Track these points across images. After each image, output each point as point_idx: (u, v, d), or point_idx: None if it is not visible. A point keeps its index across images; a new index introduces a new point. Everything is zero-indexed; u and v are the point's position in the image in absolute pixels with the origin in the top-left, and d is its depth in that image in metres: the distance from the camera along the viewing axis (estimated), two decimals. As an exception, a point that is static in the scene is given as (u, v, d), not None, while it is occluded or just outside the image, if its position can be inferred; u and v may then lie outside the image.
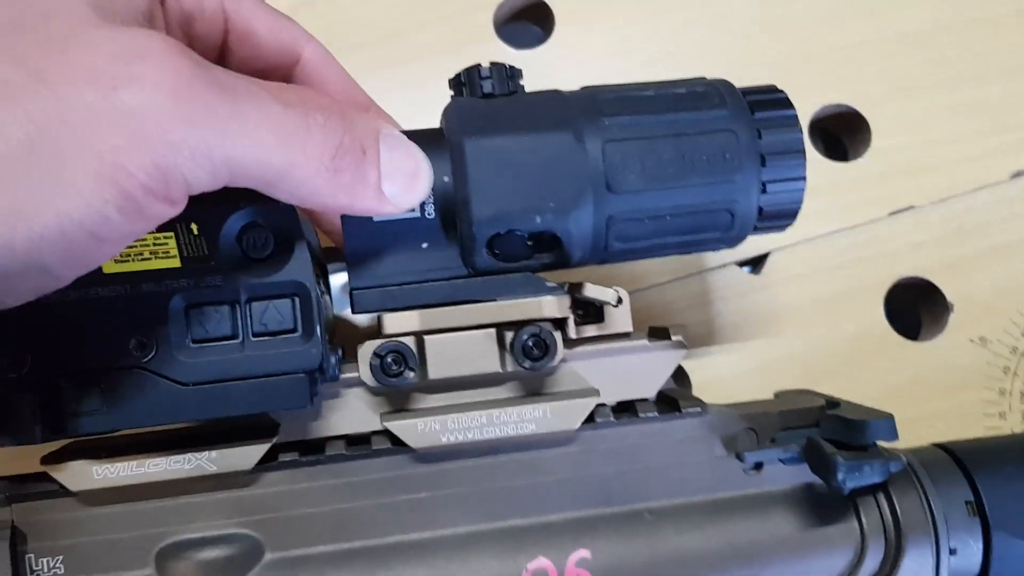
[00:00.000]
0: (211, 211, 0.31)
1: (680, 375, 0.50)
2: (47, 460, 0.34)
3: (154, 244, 0.31)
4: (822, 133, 0.55)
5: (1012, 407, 0.52)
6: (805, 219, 0.51)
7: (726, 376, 0.51)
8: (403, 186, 0.31)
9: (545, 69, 0.37)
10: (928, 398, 0.52)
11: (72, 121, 0.25)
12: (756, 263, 0.53)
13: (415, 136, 0.35)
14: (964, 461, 0.39)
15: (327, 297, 0.38)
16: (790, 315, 0.52)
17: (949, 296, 0.53)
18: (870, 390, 0.51)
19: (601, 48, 0.53)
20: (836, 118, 0.55)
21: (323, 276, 0.40)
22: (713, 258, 0.52)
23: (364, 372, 0.35)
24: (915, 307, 0.56)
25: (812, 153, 0.53)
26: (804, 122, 0.53)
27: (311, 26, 0.50)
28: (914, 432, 0.42)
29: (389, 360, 0.35)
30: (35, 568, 0.34)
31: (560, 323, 0.36)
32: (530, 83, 0.37)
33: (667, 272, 0.51)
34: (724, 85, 0.37)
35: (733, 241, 0.37)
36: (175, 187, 0.26)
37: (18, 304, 0.27)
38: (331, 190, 0.29)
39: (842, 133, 0.56)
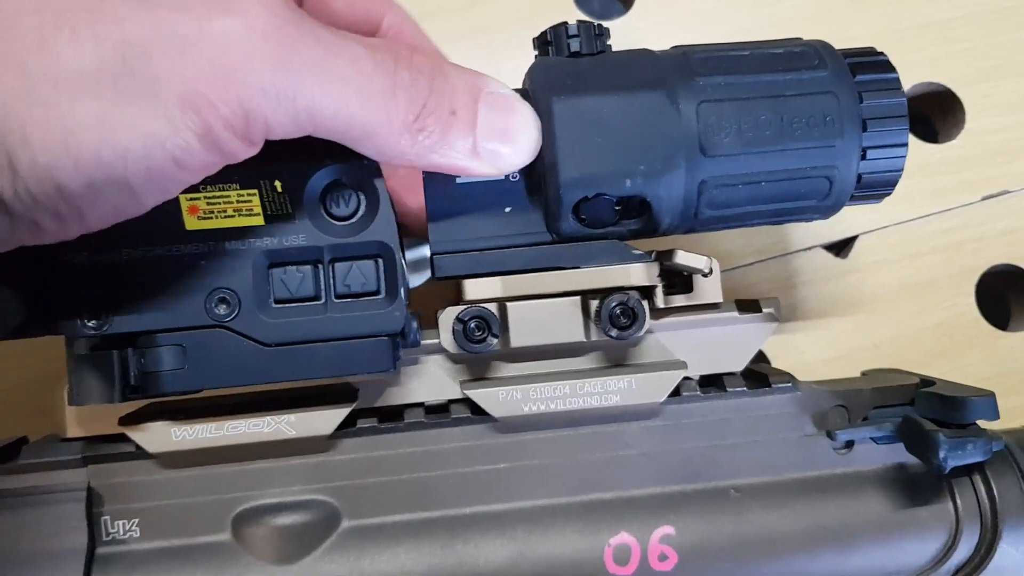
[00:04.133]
0: (295, 168, 0.31)
1: (760, 359, 0.49)
2: (125, 421, 0.34)
3: (238, 201, 0.31)
4: (912, 113, 0.53)
5: (1108, 401, 0.50)
6: (894, 203, 0.50)
7: (809, 363, 0.49)
8: (504, 147, 0.31)
9: (626, 42, 0.36)
10: (1019, 389, 0.50)
11: (164, 45, 0.25)
12: (843, 247, 0.51)
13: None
14: None
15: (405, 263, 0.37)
16: (877, 301, 0.50)
17: (1042, 286, 0.51)
18: (958, 379, 0.48)
19: (683, 20, 0.51)
20: (928, 98, 0.53)
21: (402, 246, 0.39)
22: (799, 240, 0.50)
23: (445, 338, 0.34)
24: (1006, 296, 0.53)
25: (903, 133, 0.51)
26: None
27: (387, -5, 0.50)
28: (1005, 424, 0.40)
29: (472, 326, 0.34)
30: (111, 530, 0.34)
31: (647, 292, 0.35)
32: (612, 55, 0.36)
33: (751, 253, 0.50)
34: (823, 46, 0.35)
35: (828, 211, 0.36)
36: (255, 127, 0.26)
37: (101, 226, 0.27)
38: (416, 150, 0.29)
39: (934, 114, 0.54)
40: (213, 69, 0.25)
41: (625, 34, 0.51)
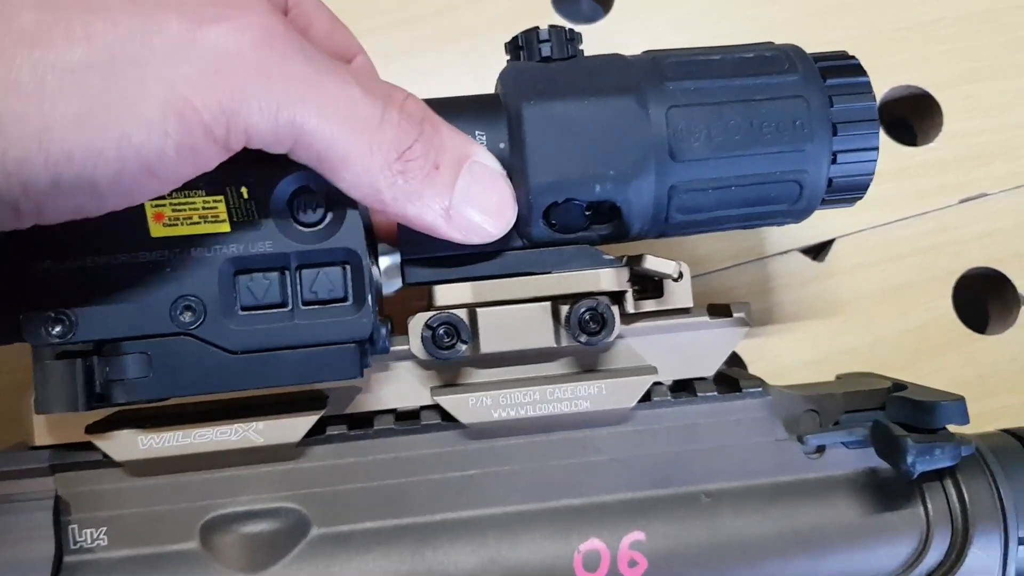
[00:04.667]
0: (262, 175, 0.31)
1: (736, 363, 0.49)
2: (92, 429, 0.33)
3: (203, 208, 0.31)
4: (890, 116, 0.53)
5: (1085, 403, 0.50)
6: (871, 206, 0.50)
7: (786, 366, 0.49)
8: (478, 217, 0.31)
9: (604, 45, 0.36)
10: (997, 393, 0.50)
11: (154, 46, 0.25)
12: (819, 250, 0.51)
13: (469, 101, 0.34)
14: None
15: (376, 269, 0.37)
16: (854, 305, 0.50)
17: (1020, 288, 0.51)
18: (936, 383, 0.48)
19: (663, 24, 0.51)
20: (906, 100, 0.53)
21: (373, 249, 0.39)
22: (775, 244, 0.50)
23: (415, 344, 0.34)
24: (983, 299, 0.53)
25: (880, 137, 0.51)
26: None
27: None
28: (982, 428, 0.40)
29: (441, 332, 0.33)
30: (78, 539, 0.33)
31: (618, 297, 0.35)
32: (589, 59, 0.36)
33: (727, 257, 0.50)
34: (794, 50, 0.35)
35: (800, 215, 0.36)
36: (235, 134, 0.26)
37: (56, 221, 0.26)
38: (392, 193, 0.29)
39: (912, 117, 0.54)
40: (200, 74, 0.25)
41: (604, 38, 0.51)
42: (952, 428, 0.34)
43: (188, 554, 0.33)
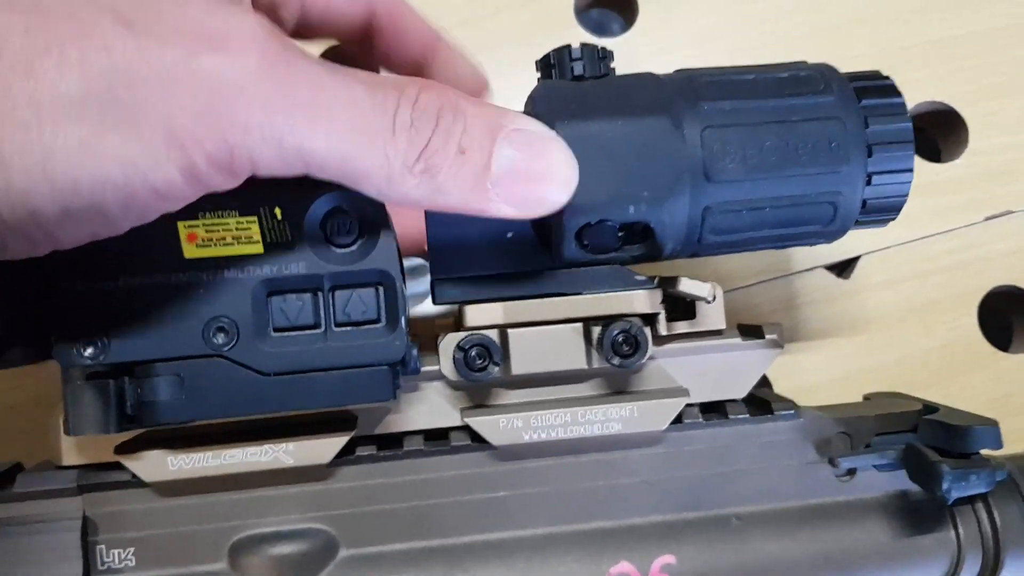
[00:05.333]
0: (296, 195, 0.30)
1: (762, 383, 0.48)
2: (121, 449, 0.33)
3: (236, 229, 0.30)
4: (915, 133, 0.53)
5: (1112, 423, 0.49)
6: (897, 223, 0.49)
7: (812, 384, 0.49)
8: (529, 188, 0.29)
9: (628, 59, 0.35)
10: (1022, 412, 0.50)
11: (152, 77, 0.24)
12: (845, 267, 0.50)
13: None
14: None
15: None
16: (880, 322, 0.50)
17: (1046, 307, 0.50)
18: (962, 402, 0.48)
19: (686, 37, 0.51)
20: (931, 116, 0.52)
21: (402, 271, 0.38)
22: (801, 261, 0.50)
23: (446, 366, 0.33)
24: (1008, 317, 0.53)
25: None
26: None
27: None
28: (1010, 447, 0.39)
29: (473, 354, 0.33)
30: (106, 560, 0.33)
31: (650, 319, 0.34)
32: (612, 73, 0.35)
33: (753, 274, 0.49)
34: (828, 70, 0.35)
35: (833, 236, 0.35)
36: (240, 164, 0.26)
37: (74, 246, 0.26)
38: (421, 191, 0.28)
39: (937, 133, 0.54)
40: (198, 106, 0.24)
41: (627, 51, 0.51)
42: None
43: (216, 575, 0.33)
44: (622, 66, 0.36)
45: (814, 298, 0.50)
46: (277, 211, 0.30)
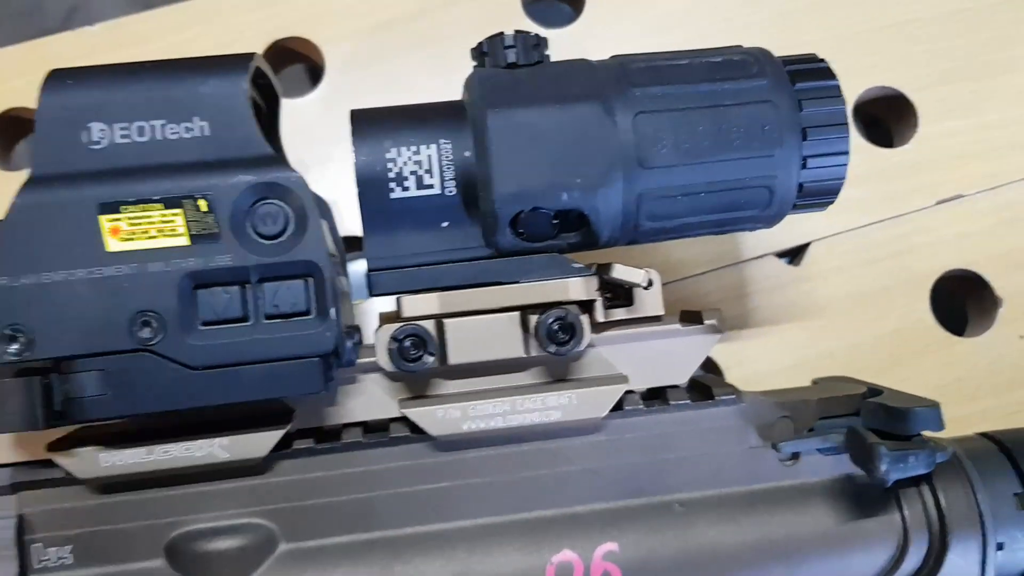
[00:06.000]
0: (221, 186, 0.30)
1: (712, 369, 0.48)
2: (53, 447, 0.33)
3: (161, 221, 0.30)
4: (866, 118, 0.53)
5: (1065, 405, 0.50)
6: (847, 209, 0.50)
7: (763, 372, 0.49)
8: None
9: (575, 50, 0.35)
10: (975, 396, 0.50)
11: None
12: (795, 254, 0.50)
13: (433, 109, 0.34)
14: (1012, 451, 0.37)
15: (344, 280, 0.37)
16: (831, 309, 0.50)
17: (997, 290, 0.51)
18: (914, 387, 0.48)
19: (634, 27, 0.51)
20: (881, 102, 0.53)
21: (341, 261, 0.38)
22: (751, 248, 0.50)
23: (381, 357, 0.33)
24: (962, 301, 0.53)
25: (855, 139, 0.51)
26: (849, 106, 0.51)
27: (337, 4, 0.49)
28: (962, 431, 0.40)
29: (407, 344, 0.33)
30: (43, 558, 0.33)
31: (587, 306, 0.34)
32: (559, 64, 0.35)
33: (703, 263, 0.49)
34: (762, 53, 0.35)
35: (771, 220, 0.35)
36: None
37: None
38: None
39: (887, 118, 0.54)
40: None
41: (576, 42, 0.51)
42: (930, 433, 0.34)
43: (154, 572, 0.33)
44: (569, 57, 0.36)
45: (765, 286, 0.49)
46: (202, 203, 0.30)
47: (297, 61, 0.53)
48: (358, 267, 0.44)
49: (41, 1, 0.76)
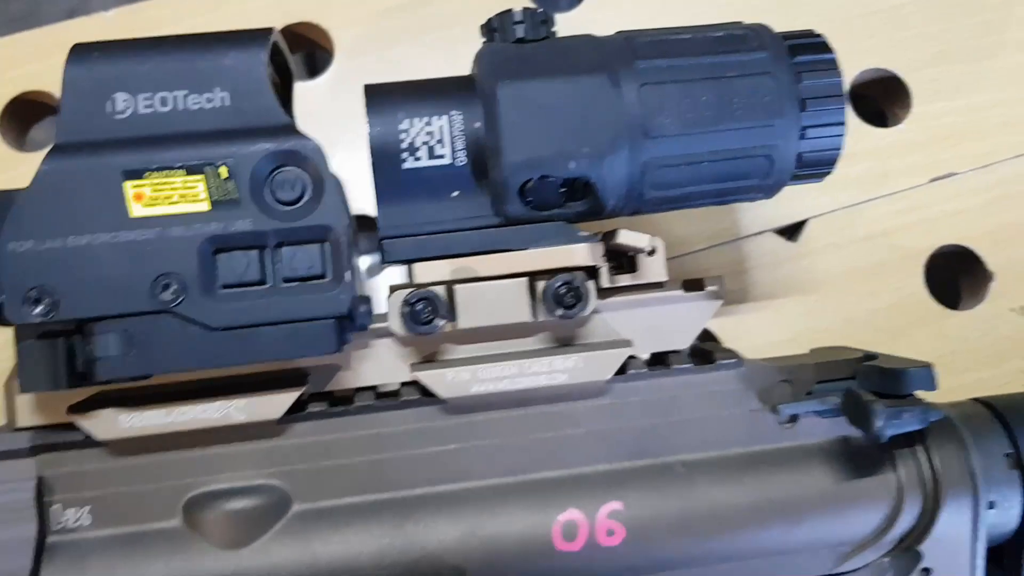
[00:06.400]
0: (241, 153, 0.31)
1: (711, 341, 0.49)
2: (74, 409, 0.34)
3: (183, 187, 0.31)
4: (862, 99, 0.54)
5: (1055, 377, 0.51)
6: (843, 187, 0.51)
7: (761, 346, 0.50)
8: None
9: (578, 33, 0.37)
10: (969, 368, 0.51)
11: None
12: (793, 231, 0.51)
13: (444, 83, 0.35)
14: (1004, 414, 0.38)
15: (355, 251, 0.38)
16: (827, 284, 0.51)
17: (990, 265, 0.52)
18: (909, 359, 0.50)
19: (636, 11, 0.52)
20: (876, 83, 0.54)
21: (354, 231, 0.39)
22: (750, 225, 0.51)
23: (394, 321, 0.34)
24: (955, 276, 0.54)
25: (851, 118, 0.52)
26: (845, 87, 0.52)
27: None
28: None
29: (419, 308, 0.34)
30: (61, 519, 0.34)
31: (593, 272, 0.35)
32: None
33: (703, 238, 0.50)
34: (763, 28, 0.36)
35: (770, 190, 0.36)
36: None
37: None
38: None
39: (882, 99, 0.55)
40: None
41: (578, 28, 0.51)
42: (924, 398, 0.35)
43: (171, 532, 0.34)
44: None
45: (763, 261, 0.51)
46: (223, 170, 0.31)
47: (301, 48, 0.54)
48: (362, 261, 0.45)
49: (38, 5, 0.76)
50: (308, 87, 0.51)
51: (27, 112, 0.51)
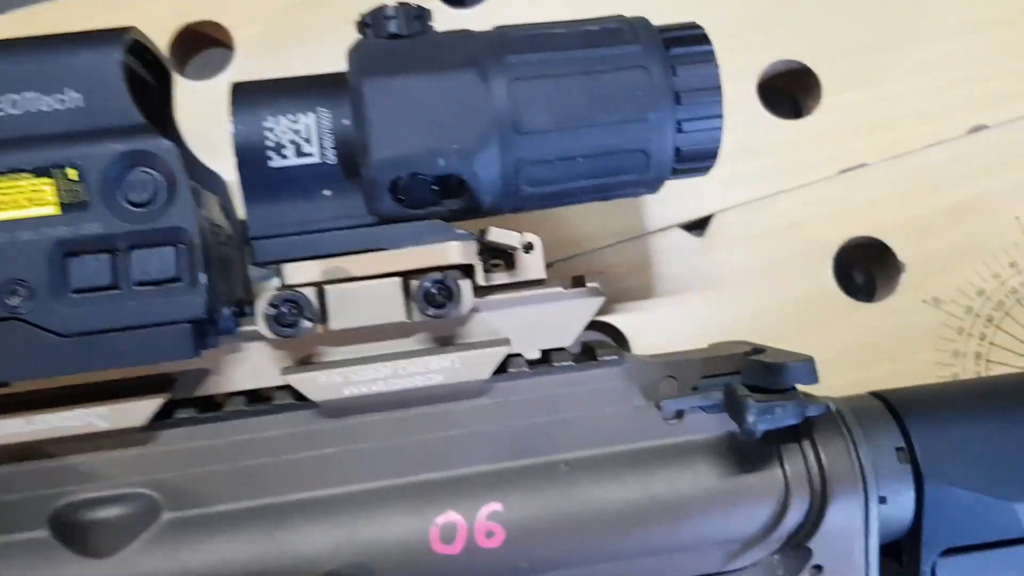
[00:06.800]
0: (90, 155, 0.30)
1: (618, 338, 0.49)
2: (-69, 419, 0.33)
3: (30, 190, 0.30)
4: (776, 91, 0.54)
5: (966, 368, 0.51)
6: (750, 179, 0.51)
7: (669, 341, 0.49)
8: None
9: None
10: (880, 360, 0.51)
11: None
12: (700, 225, 0.51)
13: (313, 80, 0.34)
14: (897, 408, 0.38)
15: (238, 255, 0.37)
16: (736, 278, 0.51)
17: (901, 256, 0.52)
18: (820, 353, 0.48)
19: (547, 7, 0.51)
20: (788, 75, 0.53)
21: (238, 237, 0.38)
22: (655, 220, 0.50)
23: (260, 324, 0.33)
24: (868, 267, 0.54)
25: (758, 110, 0.52)
26: (754, 79, 0.52)
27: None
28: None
29: (284, 310, 0.33)
30: None
31: (468, 270, 0.35)
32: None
33: (609, 235, 0.50)
34: (640, 21, 0.35)
35: (652, 185, 0.36)
36: None
37: None
38: None
39: (796, 91, 0.54)
40: None
41: (489, 21, 0.51)
42: (814, 391, 0.35)
43: (38, 543, 0.33)
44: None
45: (670, 257, 0.50)
46: (72, 172, 0.30)
47: (215, 45, 0.53)
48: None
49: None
50: (208, 86, 0.50)
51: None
